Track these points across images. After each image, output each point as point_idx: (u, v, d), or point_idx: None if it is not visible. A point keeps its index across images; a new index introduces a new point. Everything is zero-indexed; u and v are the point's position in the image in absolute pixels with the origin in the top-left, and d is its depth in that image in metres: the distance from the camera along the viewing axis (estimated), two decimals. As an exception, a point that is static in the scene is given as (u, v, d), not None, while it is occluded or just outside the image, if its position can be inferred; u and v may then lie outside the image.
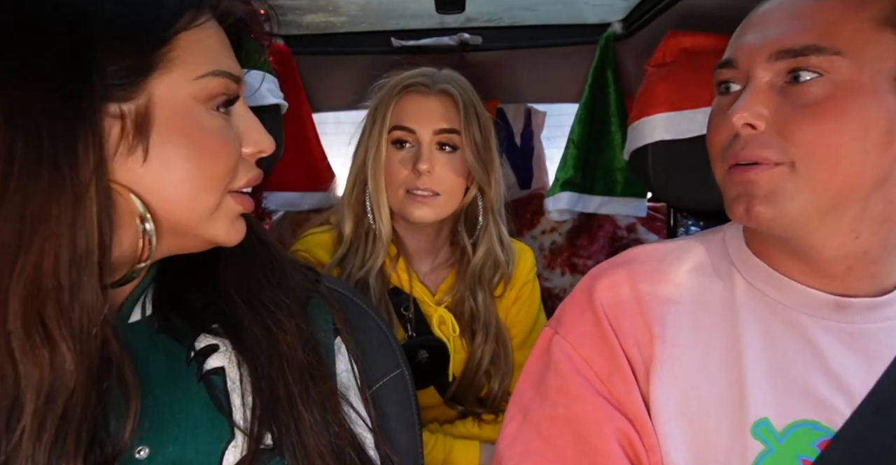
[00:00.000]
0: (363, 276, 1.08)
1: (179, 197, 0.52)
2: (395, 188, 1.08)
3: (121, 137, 0.48)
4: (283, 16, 1.45)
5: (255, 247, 0.64)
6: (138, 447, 0.54)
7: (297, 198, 1.68)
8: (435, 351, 1.12)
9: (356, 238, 1.11)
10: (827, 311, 0.61)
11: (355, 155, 1.13)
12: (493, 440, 1.13)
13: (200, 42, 0.52)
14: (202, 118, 0.52)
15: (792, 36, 0.57)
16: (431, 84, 1.08)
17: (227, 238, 0.57)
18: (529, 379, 0.71)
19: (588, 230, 1.84)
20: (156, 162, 0.50)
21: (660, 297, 0.65)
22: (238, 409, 0.58)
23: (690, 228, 1.70)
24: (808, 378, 0.59)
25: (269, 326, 0.60)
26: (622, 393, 0.63)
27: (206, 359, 0.59)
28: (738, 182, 0.60)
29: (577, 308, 0.69)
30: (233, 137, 0.55)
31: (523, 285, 1.20)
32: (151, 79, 0.49)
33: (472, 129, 1.07)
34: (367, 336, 0.74)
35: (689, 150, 0.97)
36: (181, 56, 0.50)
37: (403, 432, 0.77)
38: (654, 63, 1.08)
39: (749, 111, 0.58)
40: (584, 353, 0.65)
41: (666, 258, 0.69)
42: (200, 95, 0.52)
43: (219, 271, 0.62)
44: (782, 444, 0.58)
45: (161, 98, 0.50)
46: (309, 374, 0.60)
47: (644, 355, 0.63)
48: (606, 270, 0.70)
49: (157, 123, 0.49)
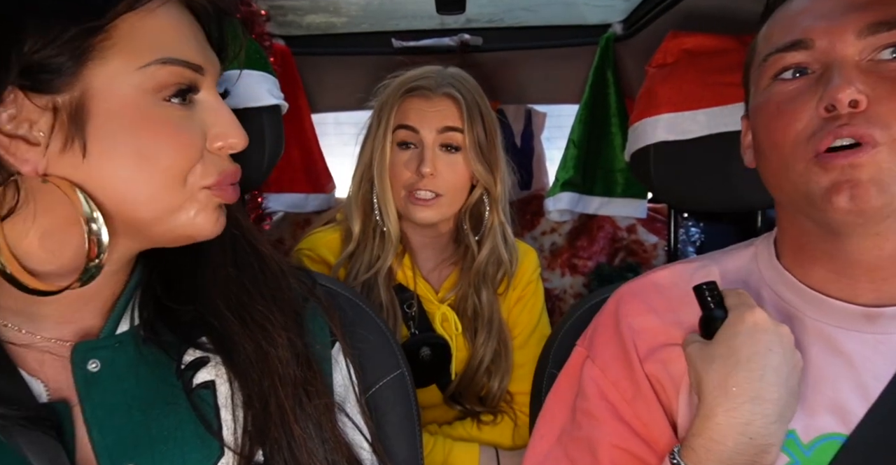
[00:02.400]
0: (372, 274, 1.08)
1: (131, 194, 0.49)
2: (398, 189, 1.09)
3: (52, 131, 0.46)
4: (284, 16, 1.45)
5: (248, 256, 0.62)
6: (125, 464, 0.52)
7: (301, 199, 1.68)
8: (437, 348, 1.13)
9: (364, 236, 1.12)
10: (858, 323, 0.60)
11: (361, 154, 1.14)
12: (492, 442, 1.13)
13: (146, 27, 0.48)
14: (150, 110, 0.48)
15: (886, 5, 0.53)
16: (435, 86, 1.08)
17: (199, 232, 0.54)
18: (561, 399, 0.73)
19: (588, 231, 1.84)
20: (100, 157, 0.47)
21: (682, 322, 0.65)
22: (228, 425, 0.57)
23: (690, 230, 1.70)
24: (838, 391, 0.59)
25: (260, 341, 0.58)
26: (646, 415, 0.64)
27: (196, 373, 0.58)
28: (837, 167, 0.54)
29: (607, 332, 0.70)
30: (191, 130, 0.51)
31: (526, 286, 1.21)
32: (86, 69, 0.46)
33: (475, 128, 1.08)
34: (367, 337, 0.74)
35: (691, 151, 0.97)
36: (121, 44, 0.47)
37: (403, 432, 0.77)
38: (655, 64, 1.08)
39: (854, 86, 0.53)
40: (612, 377, 0.67)
41: (693, 277, 0.68)
42: (146, 85, 0.48)
43: (207, 282, 0.59)
44: (808, 456, 0.57)
45: (99, 90, 0.46)
46: (304, 389, 0.59)
47: (672, 372, 0.64)
48: (633, 294, 0.70)
49: (96, 116, 0.46)
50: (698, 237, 1.70)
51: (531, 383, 0.91)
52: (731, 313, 0.58)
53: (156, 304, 0.59)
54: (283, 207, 1.68)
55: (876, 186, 0.53)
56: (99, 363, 0.55)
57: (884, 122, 0.53)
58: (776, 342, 0.55)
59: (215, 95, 0.54)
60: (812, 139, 0.56)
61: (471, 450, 1.10)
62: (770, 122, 0.60)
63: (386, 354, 0.79)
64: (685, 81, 1.00)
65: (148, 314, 0.58)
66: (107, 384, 0.54)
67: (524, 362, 1.16)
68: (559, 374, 0.75)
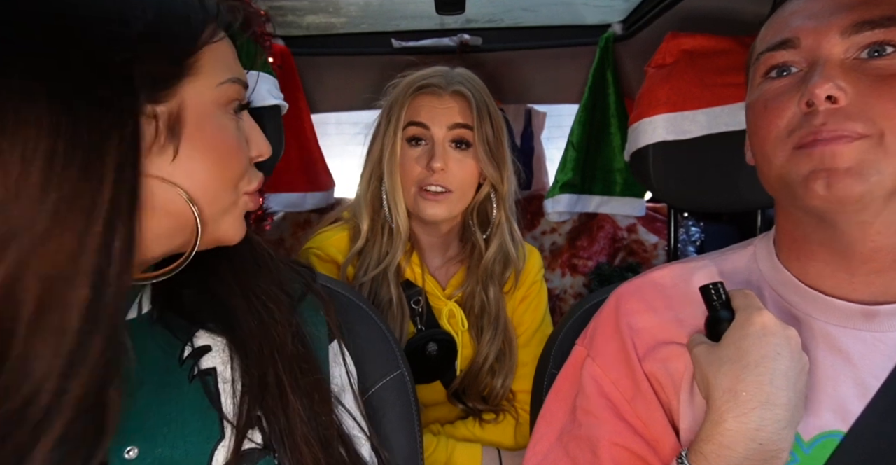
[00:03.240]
0: (381, 271, 1.10)
1: (201, 194, 0.54)
2: (408, 185, 1.10)
3: (154, 137, 0.51)
4: (284, 16, 1.45)
5: (246, 244, 0.66)
6: (128, 447, 0.54)
7: (299, 199, 1.69)
8: (443, 344, 1.13)
9: (373, 233, 1.13)
10: (856, 320, 0.60)
11: (370, 152, 1.15)
12: (494, 442, 1.13)
13: (219, 51, 0.57)
14: (222, 121, 0.56)
15: (871, 5, 0.54)
16: (446, 85, 1.10)
17: (233, 236, 0.60)
18: (561, 399, 0.73)
19: (588, 231, 1.85)
20: (184, 161, 0.53)
21: (682, 320, 0.66)
22: (228, 409, 0.59)
23: (691, 229, 1.70)
24: (838, 389, 0.59)
25: (262, 314, 0.62)
26: (645, 414, 0.65)
27: (199, 360, 0.60)
28: (816, 156, 0.55)
29: (608, 331, 0.70)
30: (243, 140, 0.59)
31: (531, 285, 1.22)
32: (182, 84, 0.53)
33: (484, 126, 1.09)
34: (368, 338, 0.74)
35: (691, 150, 0.97)
36: (206, 64, 0.55)
37: (403, 432, 0.77)
38: (654, 64, 1.08)
39: (832, 84, 0.54)
40: (613, 376, 0.68)
41: (694, 276, 0.69)
42: (221, 100, 0.56)
43: (213, 268, 0.63)
44: (808, 454, 0.58)
45: (190, 102, 0.54)
46: (298, 365, 0.62)
47: (671, 371, 0.64)
48: (632, 292, 0.71)
49: (186, 123, 0.53)
50: (698, 237, 1.70)
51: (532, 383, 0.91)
52: (738, 314, 0.58)
53: (165, 291, 0.62)
54: (282, 206, 1.68)
55: (853, 176, 0.54)
56: None
57: (866, 116, 0.54)
58: (784, 346, 0.55)
59: (246, 110, 0.61)
60: (792, 135, 0.57)
61: (473, 451, 1.10)
62: (758, 118, 0.62)
63: (386, 354, 0.79)
64: (684, 82, 1.01)
65: (157, 302, 0.62)
66: None
67: (527, 362, 1.17)
68: (559, 373, 0.75)
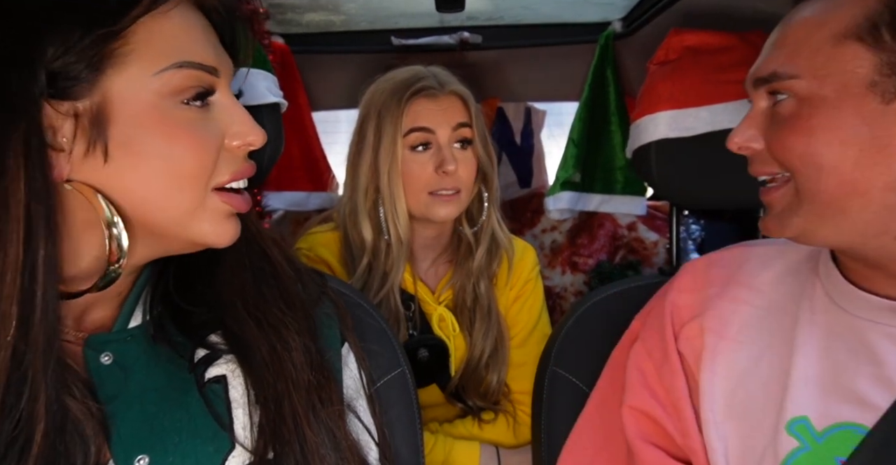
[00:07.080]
0: (386, 292, 1.08)
1: (151, 197, 0.50)
2: (416, 192, 1.07)
3: (75, 137, 0.46)
4: (283, 14, 1.45)
5: (260, 260, 0.62)
6: (138, 455, 0.53)
7: (303, 198, 1.68)
8: (435, 349, 1.13)
9: (377, 249, 1.10)
10: (886, 316, 0.60)
11: (360, 163, 1.10)
12: (492, 441, 1.13)
13: (162, 32, 0.49)
14: (170, 114, 0.49)
15: (764, 64, 0.61)
16: (440, 86, 1.09)
17: (215, 239, 0.54)
18: (610, 370, 0.78)
19: (589, 229, 1.84)
20: (121, 162, 0.48)
21: (730, 296, 0.69)
22: (241, 421, 0.57)
23: (691, 227, 1.70)
24: (859, 383, 0.59)
25: (275, 344, 0.58)
26: (669, 380, 0.69)
27: (208, 367, 0.58)
28: (763, 202, 0.64)
29: (659, 303, 0.75)
30: (210, 131, 0.52)
31: (525, 284, 1.21)
32: (105, 75, 0.46)
33: (478, 122, 1.11)
34: (369, 336, 0.74)
35: (693, 148, 0.97)
36: (138, 49, 0.47)
37: (404, 430, 0.77)
38: (657, 61, 1.07)
39: (740, 137, 0.63)
40: (648, 346, 0.73)
41: (749, 262, 0.72)
42: (165, 89, 0.49)
43: (223, 283, 0.60)
44: (820, 443, 0.58)
45: (118, 96, 0.47)
46: (317, 395, 0.59)
47: (695, 347, 0.68)
48: (688, 271, 0.75)
49: (117, 121, 0.47)
50: (699, 235, 1.70)
51: (532, 383, 0.91)
52: None
53: (168, 303, 0.60)
54: (284, 205, 1.67)
55: (775, 219, 0.62)
56: (112, 356, 0.55)
57: (776, 160, 0.60)
58: None
59: (230, 95, 0.55)
60: None
61: (471, 449, 1.10)
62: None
63: (387, 352, 0.79)
64: (687, 78, 1.00)
65: (158, 312, 0.59)
66: (119, 376, 0.55)
67: (524, 362, 1.16)
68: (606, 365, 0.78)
